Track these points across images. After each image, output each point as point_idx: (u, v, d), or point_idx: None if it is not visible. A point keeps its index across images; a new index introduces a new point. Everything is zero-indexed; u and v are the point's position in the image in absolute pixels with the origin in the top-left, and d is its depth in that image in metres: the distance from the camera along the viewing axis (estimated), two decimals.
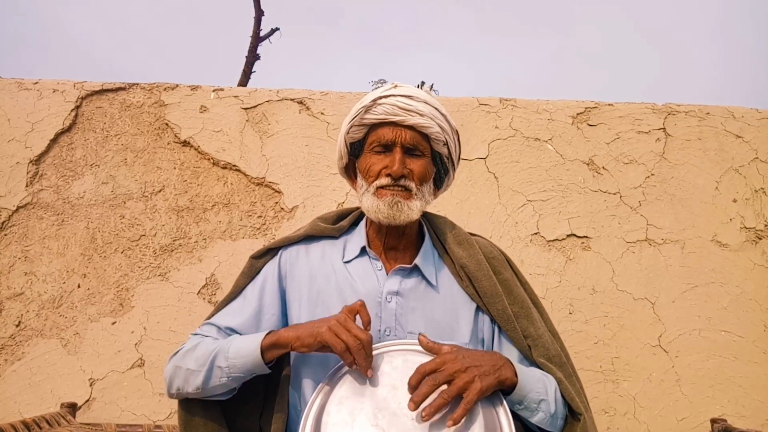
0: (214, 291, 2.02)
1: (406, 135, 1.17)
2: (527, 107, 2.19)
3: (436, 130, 1.18)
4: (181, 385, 1.14)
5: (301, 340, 1.05)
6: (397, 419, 0.97)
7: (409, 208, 1.17)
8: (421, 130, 1.18)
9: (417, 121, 1.17)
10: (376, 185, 1.18)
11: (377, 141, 1.19)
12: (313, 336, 1.04)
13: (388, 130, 1.18)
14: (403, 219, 1.17)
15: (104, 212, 2.06)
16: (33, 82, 2.14)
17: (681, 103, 2.22)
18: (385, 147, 1.19)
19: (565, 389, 1.11)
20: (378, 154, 1.19)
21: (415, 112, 1.17)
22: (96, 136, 2.11)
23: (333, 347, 1.01)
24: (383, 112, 1.17)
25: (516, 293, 1.22)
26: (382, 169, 1.18)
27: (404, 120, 1.17)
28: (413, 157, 1.19)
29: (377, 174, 1.18)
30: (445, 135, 1.21)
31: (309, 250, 1.27)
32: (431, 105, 1.19)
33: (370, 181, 1.19)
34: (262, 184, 2.10)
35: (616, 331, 2.03)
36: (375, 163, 1.19)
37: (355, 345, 0.99)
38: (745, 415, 2.00)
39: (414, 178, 1.18)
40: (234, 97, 2.16)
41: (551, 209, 2.12)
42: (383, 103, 1.18)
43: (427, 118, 1.17)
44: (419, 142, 1.19)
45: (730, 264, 2.09)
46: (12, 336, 1.97)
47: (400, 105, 1.17)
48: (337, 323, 1.02)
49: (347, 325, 1.01)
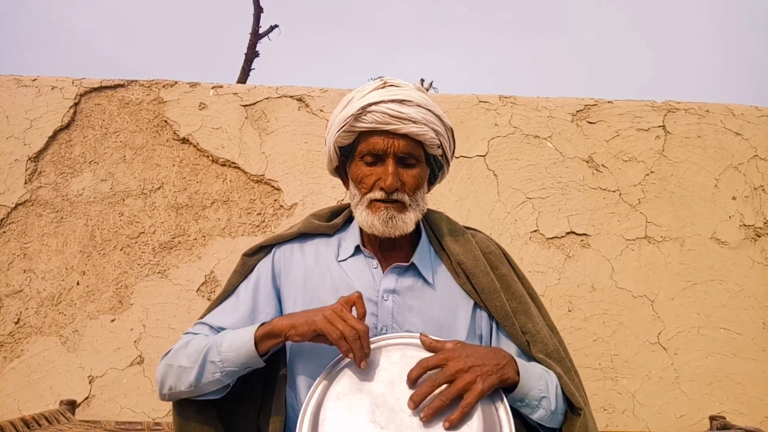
0: (213, 288, 2.01)
1: (399, 144, 1.12)
2: (527, 105, 2.19)
3: (430, 136, 1.14)
4: (174, 384, 1.11)
5: (296, 329, 1.04)
6: (395, 415, 0.97)
7: (404, 222, 1.14)
8: (414, 138, 1.13)
9: (410, 130, 1.11)
10: (369, 198, 1.14)
11: (368, 149, 1.13)
12: (308, 324, 1.03)
13: (380, 139, 1.12)
14: (398, 233, 1.15)
15: (103, 209, 2.06)
16: (31, 78, 2.14)
17: (681, 101, 2.22)
18: (376, 156, 1.13)
19: (564, 384, 1.11)
20: (369, 165, 1.14)
21: (408, 120, 1.11)
22: (95, 134, 2.11)
23: (328, 335, 1.00)
24: (374, 121, 1.11)
25: (514, 288, 1.21)
26: (375, 181, 1.14)
27: (397, 129, 1.11)
28: (406, 165, 1.15)
29: (370, 187, 1.14)
30: (440, 138, 1.16)
31: (303, 249, 1.26)
32: (424, 108, 1.13)
33: (363, 192, 1.15)
34: (261, 182, 2.10)
35: (615, 329, 2.03)
36: (367, 174, 1.14)
37: (351, 334, 0.98)
38: (743, 412, 2.00)
39: (407, 189, 1.14)
40: (233, 94, 2.16)
41: (551, 207, 2.12)
42: (373, 111, 1.11)
43: (421, 125, 1.12)
44: (413, 149, 1.14)
45: (729, 261, 2.09)
46: (11, 333, 1.97)
47: (392, 113, 1.10)
48: (333, 313, 1.01)
49: (343, 315, 1.00)
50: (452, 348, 1.01)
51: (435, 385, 0.96)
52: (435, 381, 0.96)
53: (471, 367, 0.97)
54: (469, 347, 1.02)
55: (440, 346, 1.02)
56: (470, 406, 0.95)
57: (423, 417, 0.94)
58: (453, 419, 0.93)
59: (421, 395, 0.95)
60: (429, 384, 0.96)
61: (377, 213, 1.13)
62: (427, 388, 0.96)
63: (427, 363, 0.98)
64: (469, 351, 1.00)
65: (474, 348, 1.02)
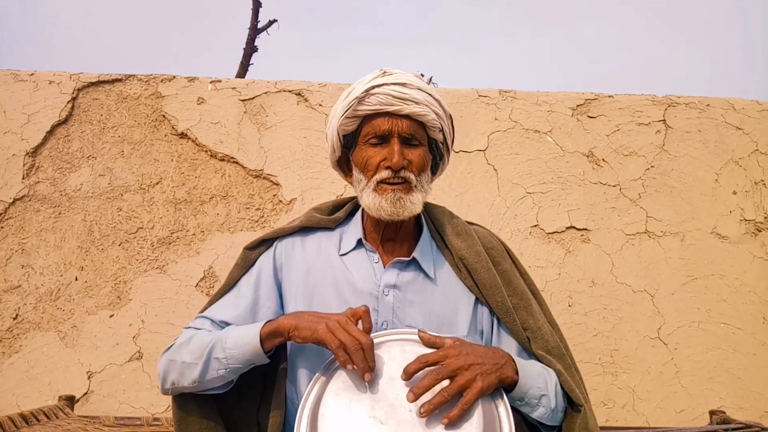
0: (212, 284, 2.01)
1: (402, 125, 1.14)
2: (527, 99, 2.18)
3: (432, 118, 1.15)
4: (177, 379, 1.11)
5: (299, 331, 1.04)
6: (394, 411, 0.96)
7: (411, 203, 1.14)
8: (417, 119, 1.15)
9: (413, 110, 1.13)
10: (377, 179, 1.14)
11: (373, 132, 1.15)
12: (310, 330, 1.03)
13: (384, 120, 1.14)
14: (407, 215, 1.14)
15: (101, 205, 2.05)
16: (29, 73, 2.12)
17: (681, 95, 2.21)
18: (381, 138, 1.15)
19: (564, 381, 1.11)
20: (374, 146, 1.15)
21: (411, 101, 1.13)
22: (93, 128, 2.10)
23: (327, 344, 1.00)
24: (377, 103, 1.13)
25: (515, 285, 1.21)
26: (380, 161, 1.14)
27: (400, 109, 1.13)
28: (411, 146, 1.16)
29: (376, 167, 1.15)
30: (440, 121, 1.18)
31: (305, 242, 1.25)
32: (425, 91, 1.16)
33: (369, 175, 1.16)
34: (260, 177, 2.09)
35: (615, 324, 2.03)
36: (372, 155, 1.15)
37: (353, 345, 0.98)
38: (743, 407, 2.00)
39: (413, 168, 1.15)
40: (232, 88, 2.14)
41: (551, 201, 2.11)
42: (376, 93, 1.13)
43: (423, 105, 1.14)
44: (416, 131, 1.16)
45: (729, 256, 2.09)
46: (9, 329, 1.96)
47: (395, 94, 1.13)
48: (337, 324, 1.01)
49: (348, 328, 1.00)
50: (452, 345, 1.00)
51: (437, 379, 0.96)
52: (438, 376, 0.96)
53: (471, 365, 0.97)
54: (468, 345, 1.02)
55: (439, 342, 1.02)
56: (470, 404, 0.94)
57: (423, 412, 0.94)
58: (452, 416, 0.93)
59: (423, 388, 0.95)
60: (431, 378, 0.95)
61: (384, 194, 1.14)
62: (429, 381, 0.95)
63: (426, 359, 0.98)
64: (469, 349, 1.00)
65: (473, 346, 1.02)
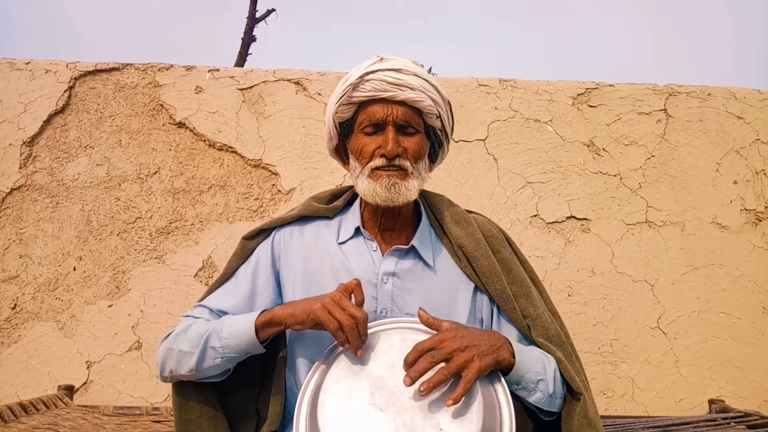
0: (210, 273, 2.00)
1: (397, 111, 1.13)
2: (527, 88, 2.16)
3: (428, 104, 1.14)
4: (174, 368, 1.12)
5: (295, 317, 1.04)
6: (394, 398, 0.96)
7: (406, 188, 1.13)
8: (412, 105, 1.14)
9: (408, 96, 1.12)
10: (371, 167, 1.14)
11: (368, 120, 1.14)
12: (306, 313, 1.02)
13: (379, 107, 1.13)
14: (402, 201, 1.14)
15: (99, 194, 2.04)
16: (25, 62, 2.11)
17: (682, 84, 2.20)
18: (376, 126, 1.14)
19: (564, 369, 1.10)
20: (369, 134, 1.15)
21: (406, 86, 1.12)
22: (90, 118, 2.09)
23: (326, 325, 1.00)
24: (372, 89, 1.12)
25: (515, 272, 1.20)
26: (375, 149, 1.14)
27: (395, 95, 1.12)
28: (406, 134, 1.15)
29: (371, 155, 1.14)
30: (437, 108, 1.16)
31: (303, 231, 1.25)
32: (421, 77, 1.14)
33: (364, 162, 1.15)
34: (258, 166, 2.08)
35: (615, 313, 2.03)
36: (367, 143, 1.15)
37: (348, 323, 0.98)
38: (743, 396, 2.00)
39: (409, 156, 1.14)
40: (230, 77, 2.13)
41: (551, 191, 2.10)
42: (371, 79, 1.13)
43: (419, 91, 1.13)
44: (412, 117, 1.15)
45: (729, 246, 2.08)
46: (8, 319, 1.96)
47: (389, 80, 1.12)
48: (332, 301, 1.01)
49: (342, 303, 1.00)
50: (448, 329, 1.00)
51: (433, 362, 0.95)
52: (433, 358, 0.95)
53: (467, 347, 0.97)
54: (464, 328, 1.02)
55: (437, 324, 1.02)
56: (471, 383, 0.94)
57: (422, 390, 0.93)
58: (456, 396, 0.93)
59: (419, 372, 0.94)
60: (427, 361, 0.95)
61: (379, 180, 1.13)
62: (425, 364, 0.95)
63: (422, 346, 0.98)
64: (465, 332, 1.00)
65: (469, 329, 1.02)
